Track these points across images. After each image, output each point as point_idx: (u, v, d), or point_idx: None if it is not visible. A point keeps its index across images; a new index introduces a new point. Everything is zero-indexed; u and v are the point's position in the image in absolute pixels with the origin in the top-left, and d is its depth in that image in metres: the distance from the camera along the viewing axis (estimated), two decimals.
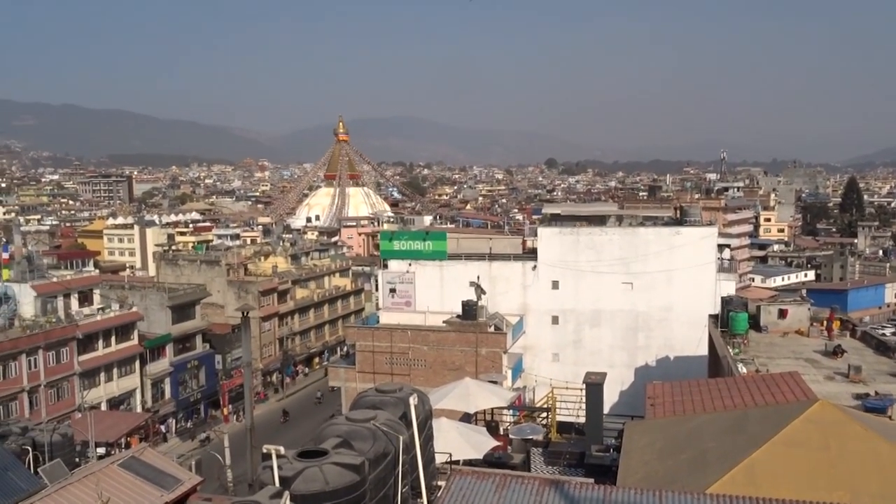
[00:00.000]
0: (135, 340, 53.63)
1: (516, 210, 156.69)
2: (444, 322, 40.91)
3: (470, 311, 39.81)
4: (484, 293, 40.10)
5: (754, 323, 32.11)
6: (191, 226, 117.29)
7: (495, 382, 29.69)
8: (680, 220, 46.16)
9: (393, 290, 45.24)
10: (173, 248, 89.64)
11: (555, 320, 43.46)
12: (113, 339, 51.90)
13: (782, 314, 32.27)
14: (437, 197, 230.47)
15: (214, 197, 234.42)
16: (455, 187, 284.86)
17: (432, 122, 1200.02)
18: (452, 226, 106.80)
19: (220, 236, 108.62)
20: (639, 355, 42.25)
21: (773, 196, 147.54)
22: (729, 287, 40.02)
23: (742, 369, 24.62)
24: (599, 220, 45.79)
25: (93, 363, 50.28)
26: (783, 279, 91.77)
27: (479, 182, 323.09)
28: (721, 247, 45.44)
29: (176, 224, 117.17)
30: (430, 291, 44.63)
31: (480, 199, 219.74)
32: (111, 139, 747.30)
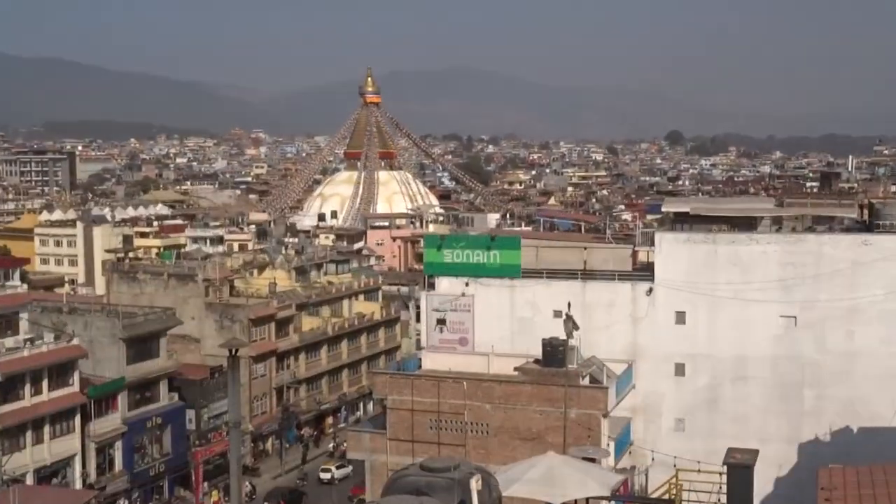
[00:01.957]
0: (75, 386, 54.67)
1: (623, 206, 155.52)
2: (515, 370, 40.75)
3: (555, 353, 39.56)
4: (576, 328, 39.84)
5: None
6: (155, 224, 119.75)
7: (592, 460, 29.44)
8: (870, 223, 45.18)
9: (441, 321, 45.15)
10: (130, 255, 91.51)
11: (680, 370, 42.92)
12: (44, 383, 53.06)
13: None
14: (506, 186, 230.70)
15: (189, 183, 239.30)
16: (533, 172, 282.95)
17: (499, 75, 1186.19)
18: (529, 228, 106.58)
19: (196, 239, 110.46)
20: (805, 424, 41.43)
21: None
22: None
23: None
24: (747, 224, 45.18)
25: (16, 418, 51.43)
26: None
27: (569, 165, 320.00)
28: None
29: (135, 221, 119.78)
30: (495, 324, 44.42)
31: (570, 189, 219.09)
32: (47, 100, 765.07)
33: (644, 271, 44.23)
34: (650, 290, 42.92)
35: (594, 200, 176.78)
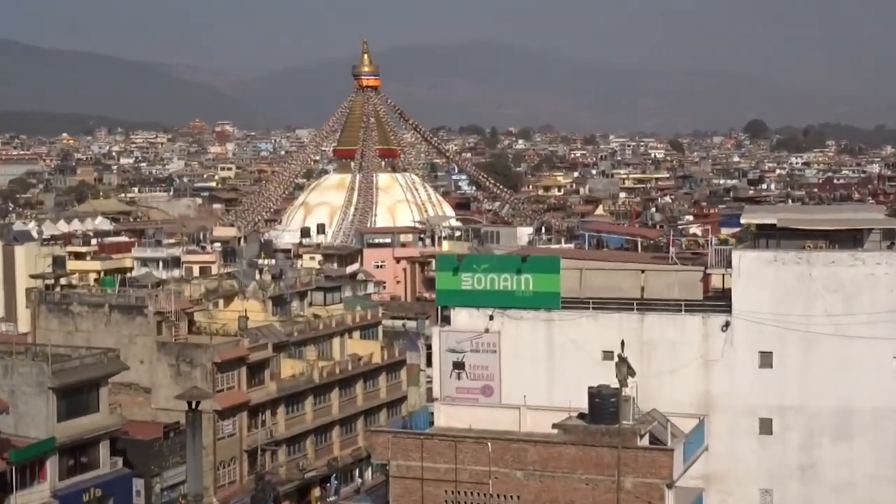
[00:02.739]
0: None
1: (690, 217, 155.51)
2: (554, 427, 40.76)
3: (605, 406, 39.56)
4: (632, 373, 39.87)
5: None
6: (94, 241, 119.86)
7: None
8: None
9: (459, 365, 45.32)
10: (62, 281, 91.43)
11: (765, 426, 42.90)
12: None
13: None
14: (541, 191, 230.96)
15: (136, 189, 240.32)
16: (575, 174, 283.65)
17: (530, 51, 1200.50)
18: (571, 245, 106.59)
19: (145, 261, 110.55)
20: None
21: None
22: None
23: None
24: (850, 239, 45.14)
25: None
26: None
27: (621, 164, 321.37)
28: None
29: (68, 238, 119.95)
30: (528, 368, 44.64)
31: (622, 195, 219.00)
32: None
33: (719, 300, 44.30)
34: (727, 325, 42.99)
35: (654, 210, 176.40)
